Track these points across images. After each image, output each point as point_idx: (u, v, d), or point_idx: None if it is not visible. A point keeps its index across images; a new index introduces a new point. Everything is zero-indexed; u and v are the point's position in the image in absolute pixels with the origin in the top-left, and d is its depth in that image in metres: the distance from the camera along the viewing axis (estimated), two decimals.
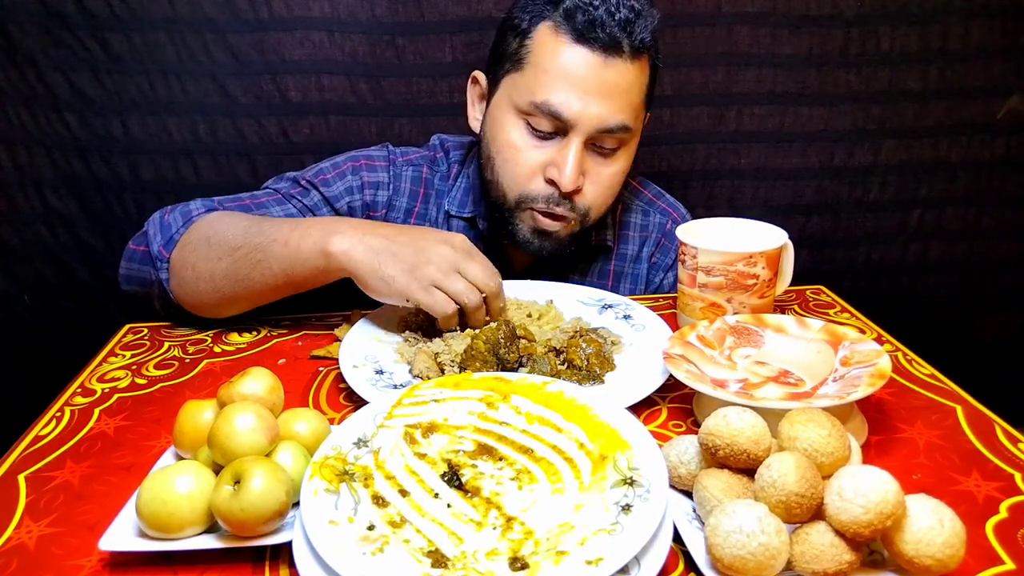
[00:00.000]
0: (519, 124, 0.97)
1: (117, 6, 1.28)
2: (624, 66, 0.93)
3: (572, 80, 0.92)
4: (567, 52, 0.92)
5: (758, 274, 0.89)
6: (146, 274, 0.96)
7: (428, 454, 0.63)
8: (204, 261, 0.91)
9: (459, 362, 0.81)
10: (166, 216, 0.98)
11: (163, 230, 0.96)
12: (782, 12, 1.37)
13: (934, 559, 0.50)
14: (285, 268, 0.87)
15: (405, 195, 1.11)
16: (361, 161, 1.10)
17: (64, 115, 1.33)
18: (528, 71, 0.95)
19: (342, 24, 1.32)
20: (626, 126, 0.95)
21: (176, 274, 0.93)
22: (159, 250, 0.94)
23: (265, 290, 0.91)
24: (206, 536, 0.57)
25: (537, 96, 0.94)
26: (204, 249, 0.92)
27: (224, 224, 0.93)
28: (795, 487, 0.52)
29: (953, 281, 1.56)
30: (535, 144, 0.97)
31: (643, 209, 1.16)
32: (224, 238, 0.91)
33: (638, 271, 1.14)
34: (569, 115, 0.93)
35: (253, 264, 0.88)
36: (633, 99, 0.96)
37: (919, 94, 1.43)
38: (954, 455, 0.69)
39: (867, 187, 1.49)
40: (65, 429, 0.76)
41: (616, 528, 0.53)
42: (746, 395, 0.70)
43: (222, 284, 0.91)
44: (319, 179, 1.07)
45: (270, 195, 1.06)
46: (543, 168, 0.97)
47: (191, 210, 0.98)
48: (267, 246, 0.88)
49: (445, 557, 0.52)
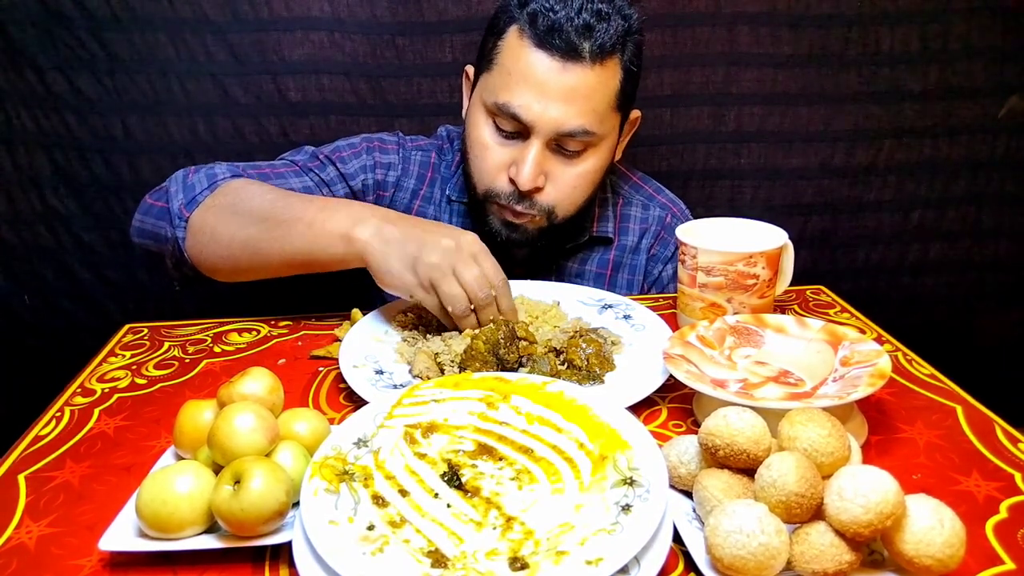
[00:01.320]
0: (488, 122, 0.99)
1: (117, 6, 1.28)
2: (584, 71, 0.93)
3: (532, 84, 0.93)
4: (528, 56, 0.93)
5: (758, 274, 0.89)
6: (162, 230, 0.97)
7: (428, 454, 0.63)
8: (225, 227, 0.92)
9: (459, 362, 0.81)
10: (190, 176, 0.99)
11: (186, 189, 0.97)
12: (782, 12, 1.37)
13: (934, 559, 0.50)
14: (304, 248, 0.88)
15: (413, 177, 1.13)
16: (375, 143, 1.13)
17: (64, 115, 1.33)
18: (495, 72, 0.97)
19: (342, 24, 1.32)
20: (586, 130, 0.96)
21: (193, 235, 0.95)
22: (179, 208, 0.95)
23: (280, 266, 0.92)
24: (206, 536, 0.57)
25: (500, 97, 0.95)
26: (228, 216, 0.93)
27: (250, 193, 0.94)
28: (795, 487, 0.52)
29: (953, 281, 1.55)
30: (500, 143, 0.99)
31: (643, 203, 1.17)
32: (250, 207, 0.92)
33: (636, 262, 1.15)
34: (528, 118, 0.94)
35: (274, 239, 0.89)
36: (596, 104, 0.96)
37: (919, 94, 1.43)
38: (954, 455, 0.69)
39: (867, 187, 1.49)
40: (65, 429, 0.76)
41: (616, 528, 0.53)
42: (746, 395, 0.70)
43: (239, 252, 0.92)
44: (336, 155, 1.09)
45: (288, 166, 1.07)
46: (506, 167, 0.99)
47: (216, 173, 0.99)
48: (292, 223, 0.88)
49: (445, 557, 0.52)
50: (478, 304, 0.83)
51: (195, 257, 0.96)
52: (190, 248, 0.95)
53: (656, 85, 1.39)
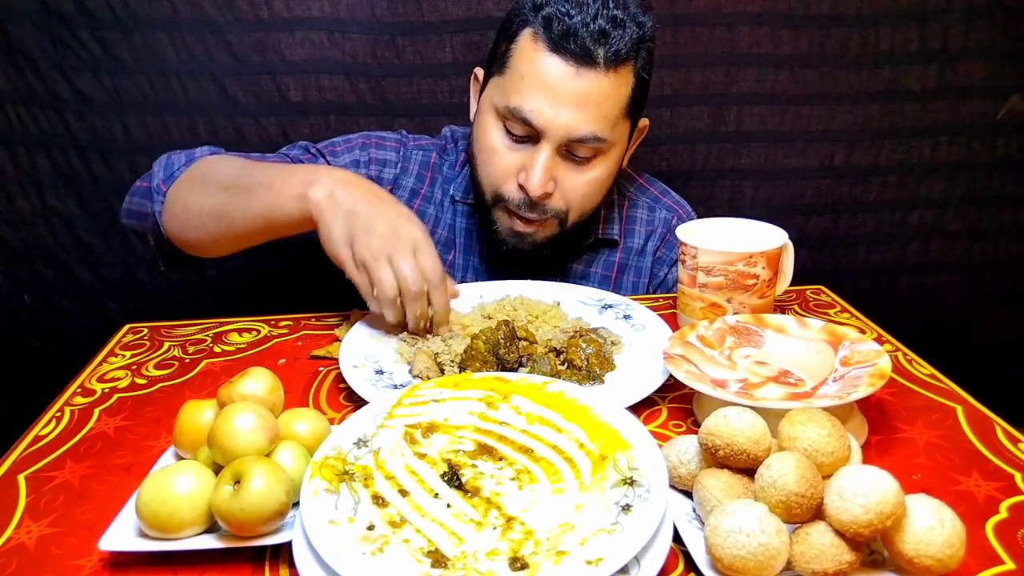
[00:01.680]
0: (498, 126, 0.99)
1: (117, 6, 1.28)
2: (597, 77, 0.93)
3: (544, 88, 0.93)
4: (542, 60, 0.93)
5: (758, 274, 0.89)
6: (143, 207, 1.00)
7: (428, 454, 0.63)
8: (196, 197, 0.94)
9: (459, 362, 0.81)
10: (172, 156, 1.01)
11: (167, 167, 1.00)
12: (782, 12, 1.37)
13: (934, 559, 0.50)
14: (264, 211, 0.89)
15: (413, 175, 1.13)
16: (373, 140, 1.13)
17: (64, 115, 1.33)
18: (508, 75, 0.97)
19: (342, 24, 1.32)
20: (598, 137, 0.95)
21: (169, 208, 0.97)
22: (158, 184, 0.98)
23: (245, 232, 0.93)
24: (206, 536, 0.57)
25: (512, 101, 0.95)
26: (199, 186, 0.94)
27: (222, 164, 0.97)
28: (795, 487, 0.52)
29: (953, 281, 1.56)
30: (510, 147, 0.98)
31: (649, 205, 1.17)
32: (218, 176, 0.94)
33: (642, 264, 1.15)
34: (539, 123, 0.94)
35: (237, 204, 0.90)
36: (608, 110, 0.95)
37: (919, 94, 1.43)
38: (954, 455, 0.69)
39: (867, 187, 1.49)
40: (65, 429, 0.76)
41: (616, 528, 0.53)
42: (746, 395, 0.70)
43: (208, 221, 0.93)
44: (328, 149, 1.10)
45: (281, 159, 1.08)
46: (516, 172, 0.98)
47: (195, 152, 1.01)
48: (253, 187, 0.89)
49: (445, 557, 0.52)
50: (407, 296, 0.82)
51: (171, 230, 0.98)
52: (167, 222, 0.97)
53: (656, 85, 1.38)
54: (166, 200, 0.97)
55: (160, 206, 0.97)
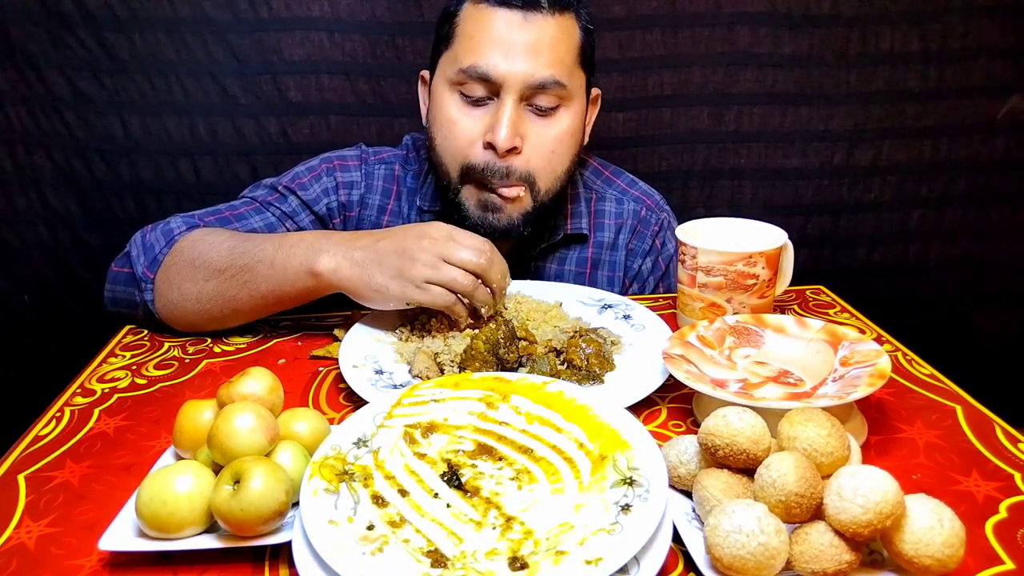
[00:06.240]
0: (454, 96, 0.99)
1: (117, 6, 1.28)
2: (545, 20, 0.95)
3: (496, 41, 0.94)
4: (489, 16, 0.95)
5: (758, 274, 0.89)
6: (131, 295, 0.97)
7: (428, 454, 0.63)
8: (190, 282, 0.92)
9: (459, 362, 0.81)
10: (147, 236, 0.98)
11: (146, 251, 0.96)
12: (782, 12, 1.37)
13: (934, 559, 0.50)
14: (272, 288, 0.88)
15: (378, 192, 1.13)
16: (335, 163, 1.12)
17: (64, 115, 1.33)
18: (456, 44, 0.98)
19: (342, 24, 1.32)
20: (557, 80, 0.96)
21: (161, 295, 0.94)
22: (143, 272, 0.95)
23: (254, 309, 0.92)
24: (206, 536, 0.57)
25: (465, 62, 0.96)
26: (189, 271, 0.92)
27: (207, 244, 0.93)
28: (795, 487, 0.52)
29: (953, 281, 1.55)
30: (470, 112, 0.98)
31: (616, 198, 1.17)
32: (208, 259, 0.91)
33: (615, 258, 1.15)
34: (496, 75, 0.94)
35: (240, 285, 0.89)
36: (562, 55, 0.97)
37: (919, 94, 1.43)
38: (954, 455, 0.69)
39: (867, 187, 1.49)
40: (65, 429, 0.76)
41: (616, 528, 0.53)
42: (746, 395, 0.70)
43: (209, 304, 0.92)
44: (296, 183, 1.08)
45: (248, 204, 1.07)
46: (481, 135, 0.98)
47: (172, 228, 0.98)
48: (253, 267, 0.88)
49: (445, 557, 0.52)
50: (480, 271, 0.83)
51: (168, 317, 0.95)
52: (161, 309, 0.95)
53: (656, 85, 1.39)
54: (156, 288, 0.94)
55: (151, 295, 0.94)
